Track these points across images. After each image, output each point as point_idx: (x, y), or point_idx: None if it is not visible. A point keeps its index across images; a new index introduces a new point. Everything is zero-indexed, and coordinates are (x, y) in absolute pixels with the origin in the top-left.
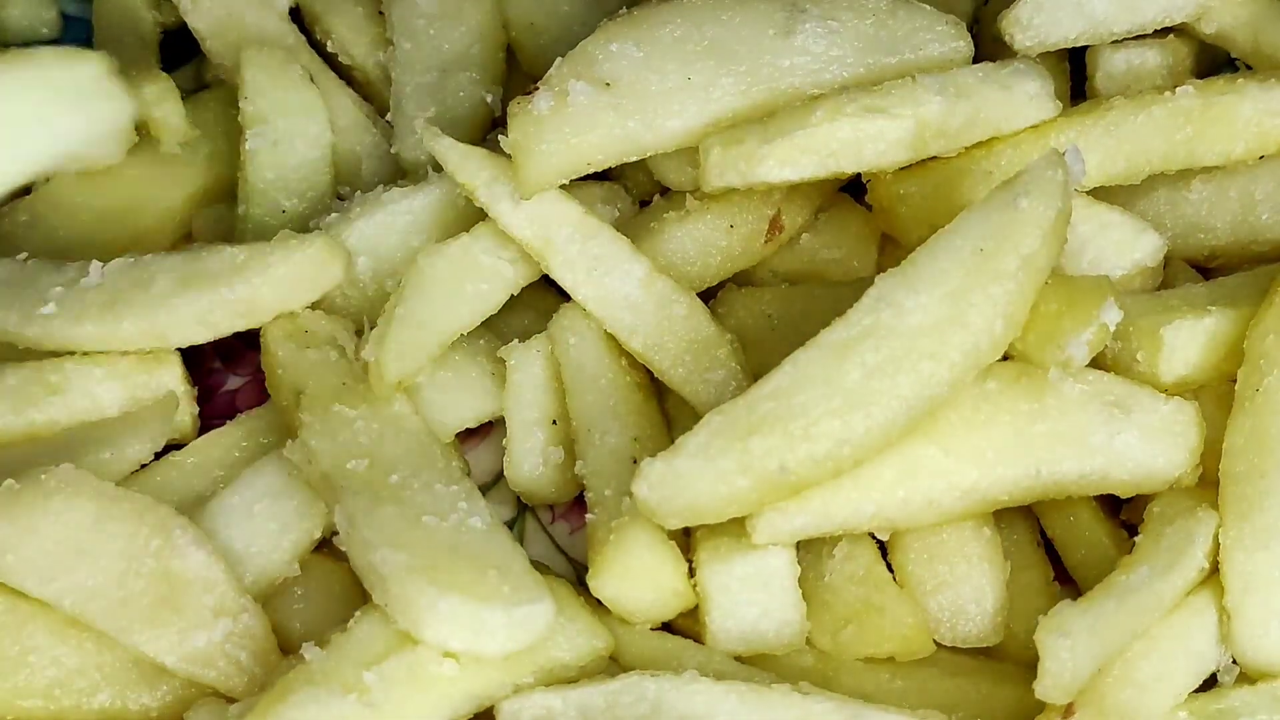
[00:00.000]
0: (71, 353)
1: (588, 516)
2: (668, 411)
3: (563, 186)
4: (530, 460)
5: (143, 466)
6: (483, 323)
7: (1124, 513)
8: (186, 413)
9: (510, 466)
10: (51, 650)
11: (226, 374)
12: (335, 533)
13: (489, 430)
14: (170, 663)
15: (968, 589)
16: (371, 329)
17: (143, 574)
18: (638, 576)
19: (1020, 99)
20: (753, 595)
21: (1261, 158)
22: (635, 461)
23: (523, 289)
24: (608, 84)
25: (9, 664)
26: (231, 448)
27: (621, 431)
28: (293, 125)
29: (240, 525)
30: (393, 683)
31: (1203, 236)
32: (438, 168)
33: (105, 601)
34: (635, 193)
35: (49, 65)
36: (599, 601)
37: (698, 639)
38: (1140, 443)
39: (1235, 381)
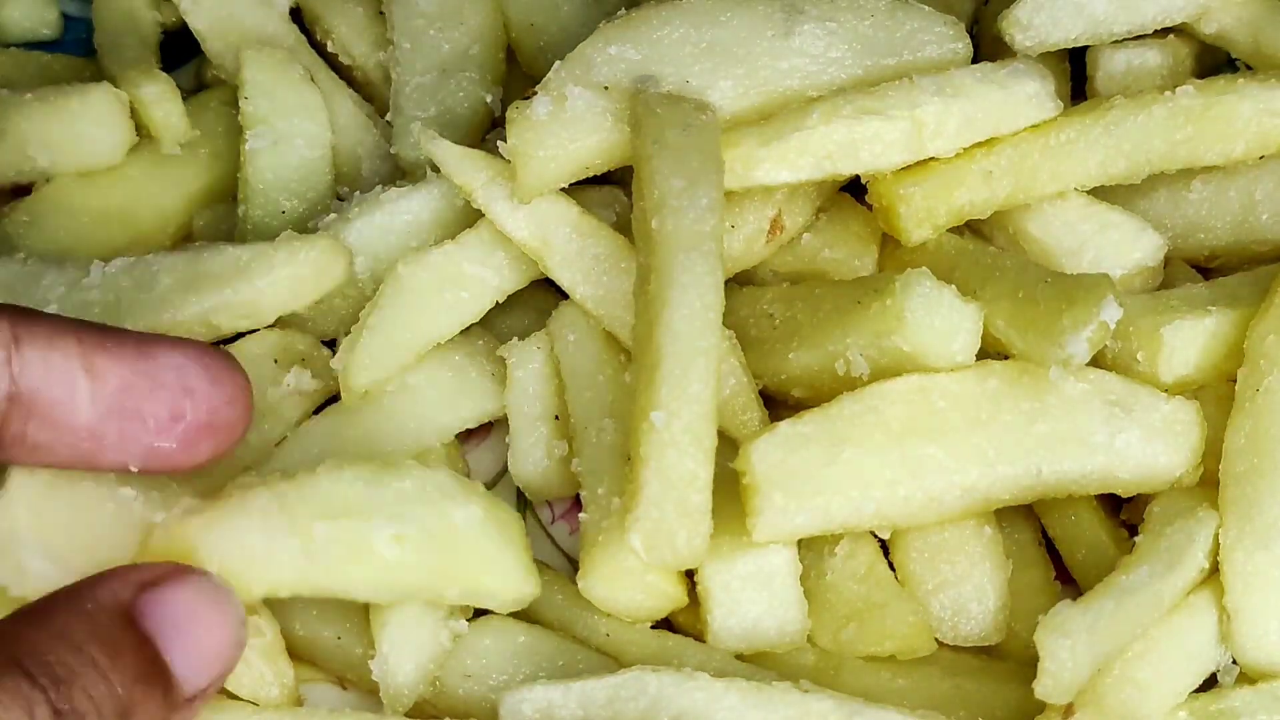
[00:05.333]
0: None
1: (580, 516)
2: None
3: (561, 189)
4: (534, 455)
5: None
6: (482, 323)
7: (1124, 513)
8: None
9: (514, 462)
10: None
11: None
12: None
13: (489, 430)
14: None
15: (969, 588)
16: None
17: None
18: (627, 578)
19: (1020, 99)
20: (754, 594)
21: (1261, 158)
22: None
23: (521, 289)
24: (606, 87)
25: None
26: None
27: (617, 429)
28: (293, 125)
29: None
30: (337, 543)
31: (1203, 236)
32: (437, 168)
33: None
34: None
35: None
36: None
37: (699, 637)
38: (1141, 442)
39: (1235, 381)
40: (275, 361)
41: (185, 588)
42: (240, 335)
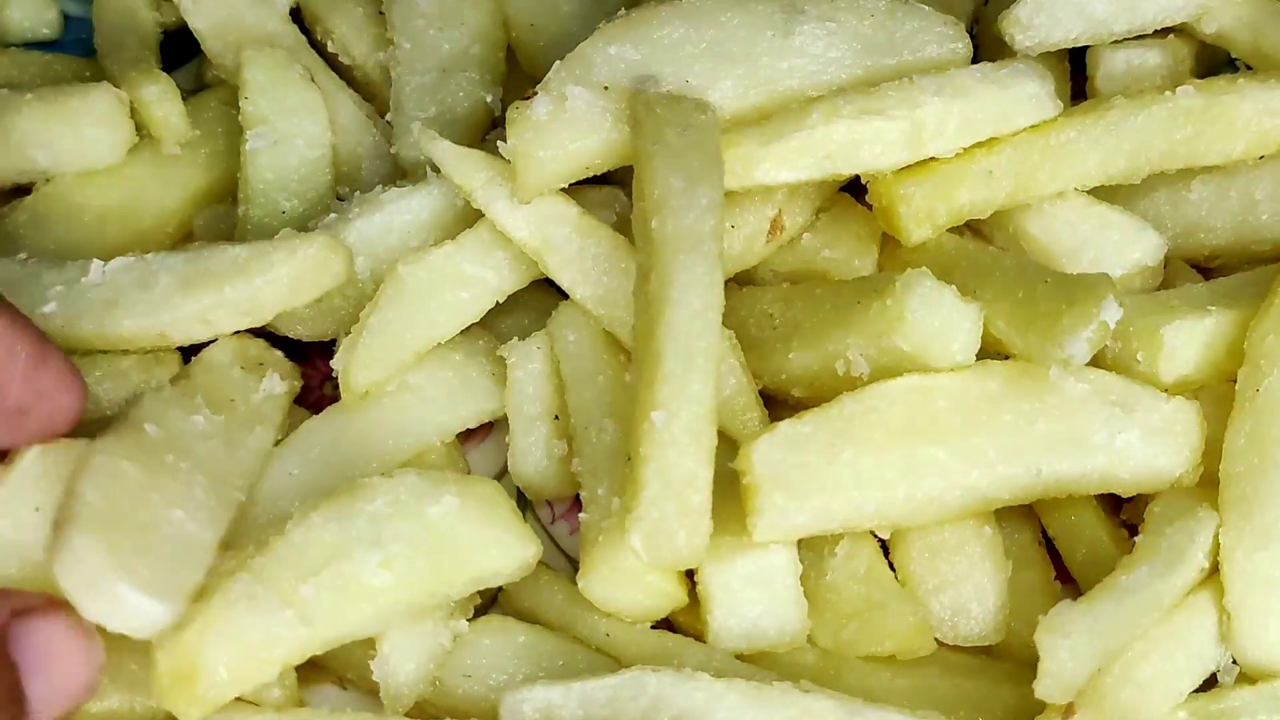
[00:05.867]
0: (73, 352)
1: (580, 516)
2: None
3: (561, 189)
4: (534, 455)
5: None
6: (482, 323)
7: (1124, 513)
8: None
9: (514, 461)
10: None
11: None
12: None
13: (489, 430)
14: None
15: (969, 588)
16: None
17: None
18: (627, 577)
19: (1020, 99)
20: (754, 594)
21: (1261, 158)
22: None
23: (521, 290)
24: (605, 88)
25: None
26: None
27: (617, 430)
28: (293, 125)
29: None
30: (328, 595)
31: (1203, 236)
32: (437, 168)
33: None
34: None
35: None
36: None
37: (699, 637)
38: (1142, 442)
39: (1235, 381)
40: (242, 368)
41: (54, 622)
42: (239, 335)
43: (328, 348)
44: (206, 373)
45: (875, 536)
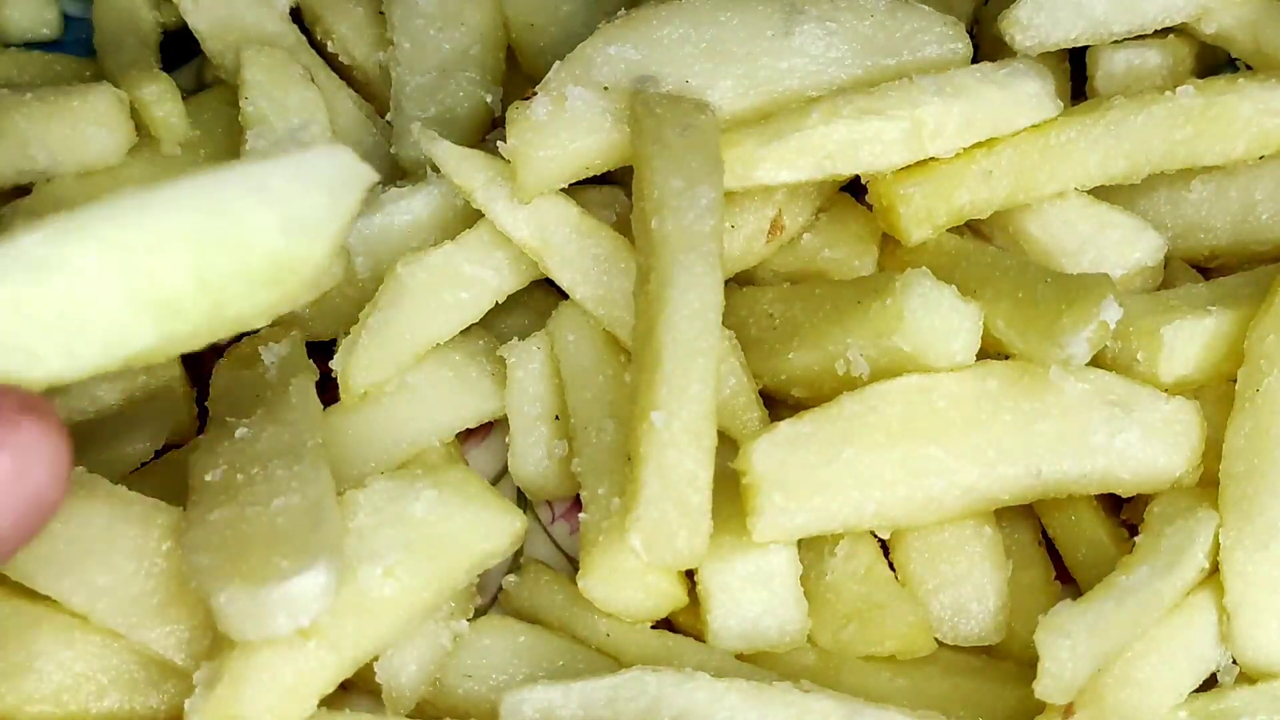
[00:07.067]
0: None
1: (581, 516)
2: None
3: (561, 189)
4: (534, 455)
5: (142, 464)
6: (482, 323)
7: (1124, 512)
8: (185, 411)
9: (514, 462)
10: (58, 655)
11: None
12: None
13: (489, 430)
14: (179, 660)
15: (969, 588)
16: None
17: (153, 574)
18: (627, 577)
19: (1020, 99)
20: (754, 593)
21: (1261, 158)
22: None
23: (521, 290)
24: (605, 88)
25: (16, 670)
26: None
27: (617, 430)
28: (293, 125)
29: None
30: (344, 618)
31: (1203, 236)
32: (437, 168)
33: (115, 599)
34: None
35: None
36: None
37: (699, 637)
38: (1141, 442)
39: (1235, 381)
40: (245, 369)
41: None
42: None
43: (328, 348)
44: (217, 402)
45: (875, 536)
